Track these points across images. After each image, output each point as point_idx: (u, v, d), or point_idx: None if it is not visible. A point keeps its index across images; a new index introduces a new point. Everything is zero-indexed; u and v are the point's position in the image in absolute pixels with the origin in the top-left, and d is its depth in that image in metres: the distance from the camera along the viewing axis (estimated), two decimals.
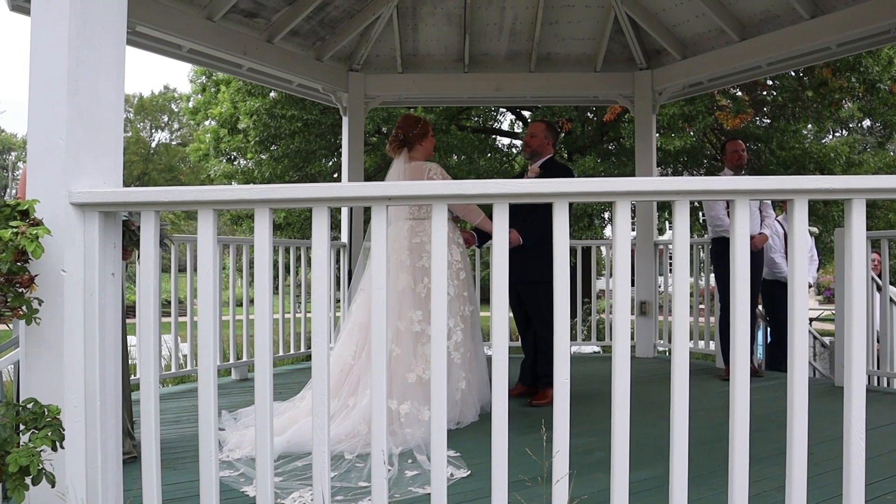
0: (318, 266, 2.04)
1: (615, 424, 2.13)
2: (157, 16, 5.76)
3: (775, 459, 2.31)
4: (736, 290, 2.07)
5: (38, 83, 2.08)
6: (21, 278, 1.73)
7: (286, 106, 14.58)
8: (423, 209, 4.71)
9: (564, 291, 2.02)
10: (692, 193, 1.99)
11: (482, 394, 4.77)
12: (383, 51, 7.82)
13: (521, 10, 7.41)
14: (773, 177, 1.98)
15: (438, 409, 2.08)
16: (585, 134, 16.24)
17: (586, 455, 3.74)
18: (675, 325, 2.06)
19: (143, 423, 2.17)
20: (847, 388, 2.04)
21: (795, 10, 6.31)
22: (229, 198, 2.01)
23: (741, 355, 2.05)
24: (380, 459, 2.09)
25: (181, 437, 4.24)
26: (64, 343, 2.03)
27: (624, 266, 1.99)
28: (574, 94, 8.41)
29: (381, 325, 2.06)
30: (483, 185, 1.94)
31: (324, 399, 2.10)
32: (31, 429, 1.64)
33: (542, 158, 5.31)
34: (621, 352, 2.08)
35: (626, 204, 1.97)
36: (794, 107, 15.32)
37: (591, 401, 5.16)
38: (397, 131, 4.88)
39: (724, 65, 7.19)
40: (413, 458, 3.78)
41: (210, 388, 2.10)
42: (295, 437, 3.94)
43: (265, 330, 2.00)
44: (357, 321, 4.61)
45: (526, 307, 5.35)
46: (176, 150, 52.60)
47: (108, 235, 2.12)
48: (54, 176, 2.06)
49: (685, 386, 2.03)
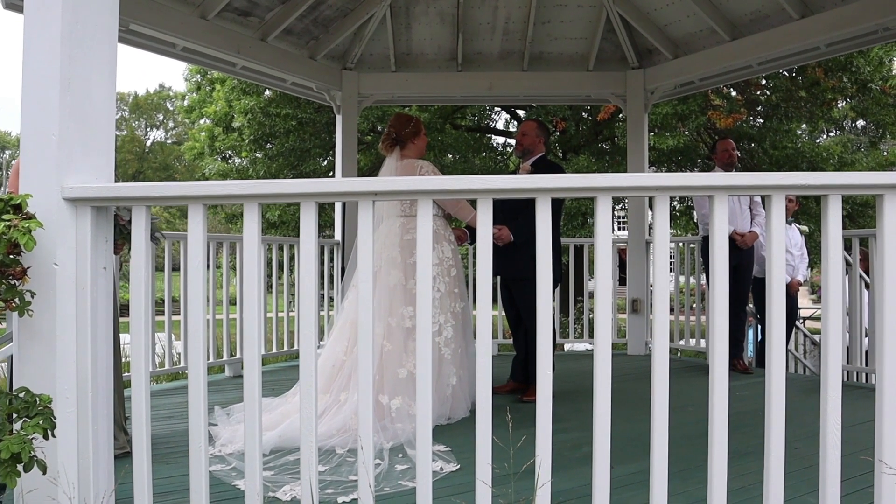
0: (305, 260, 2.08)
1: (596, 415, 2.17)
2: (151, 14, 5.78)
3: (760, 454, 2.37)
4: (715, 283, 2.11)
5: (31, 81, 2.12)
6: (14, 270, 1.76)
7: (281, 105, 14.60)
8: (415, 206, 4.73)
9: (547, 289, 2.06)
10: (672, 189, 2.04)
11: (473, 389, 4.81)
12: (377, 49, 7.85)
13: (513, 10, 7.44)
14: (751, 173, 2.03)
15: (424, 404, 2.12)
16: (579, 133, 16.29)
17: (574, 450, 3.79)
18: (656, 318, 2.10)
19: (134, 413, 2.21)
20: (823, 379, 2.09)
21: (785, 10, 6.35)
22: (219, 192, 2.05)
23: (720, 350, 2.09)
24: (369, 447, 2.12)
25: (174, 432, 4.27)
26: (56, 335, 2.07)
27: (605, 261, 2.04)
28: (567, 93, 8.46)
29: (368, 320, 2.10)
30: (467, 180, 1.99)
31: (311, 381, 2.14)
32: (22, 417, 1.68)
33: (533, 157, 5.35)
34: (602, 347, 2.13)
35: (606, 200, 2.01)
36: (787, 106, 15.39)
37: (581, 397, 5.19)
38: (389, 129, 4.92)
39: (716, 64, 7.24)
40: (404, 452, 3.82)
41: (200, 381, 2.14)
42: (287, 431, 3.97)
43: (253, 320, 2.04)
44: (348, 318, 4.64)
45: (517, 304, 5.39)
46: (171, 149, 52.54)
47: (99, 230, 2.16)
48: (47, 171, 2.10)
49: (665, 377, 2.08)
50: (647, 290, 7.70)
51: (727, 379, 2.15)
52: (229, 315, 6.44)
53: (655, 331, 2.11)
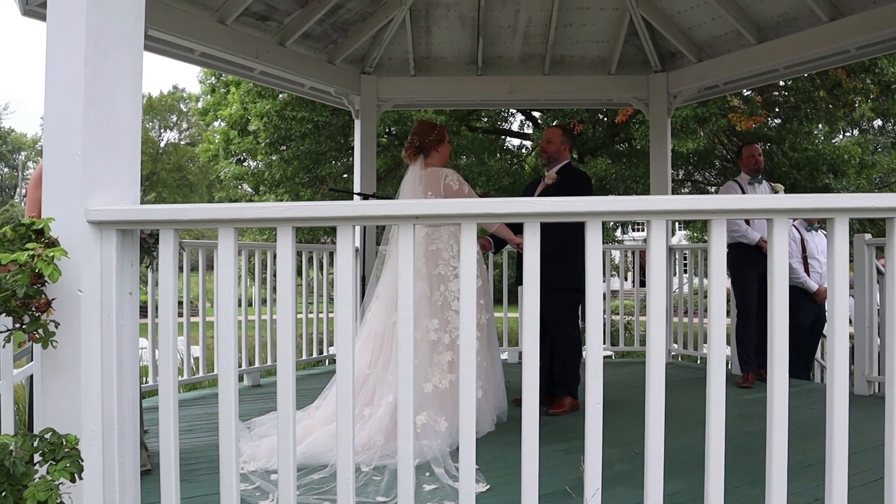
0: (342, 285, 1.97)
1: (648, 443, 2.05)
2: (169, 19, 5.72)
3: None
4: (774, 310, 1.99)
5: (55, 98, 2.02)
6: (38, 302, 1.67)
7: (296, 108, 14.54)
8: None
9: (597, 316, 1.94)
10: (729, 212, 1.92)
11: (498, 401, 4.71)
12: (396, 53, 7.76)
13: (535, 13, 7.34)
14: (812, 195, 1.92)
15: (467, 443, 2.01)
16: (596, 135, 16.14)
17: (606, 468, 3.67)
18: (711, 330, 1.99)
19: (162, 450, 2.11)
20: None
21: (814, 12, 6.21)
22: (251, 216, 1.95)
23: (780, 380, 1.97)
24: None
25: (195, 447, 4.18)
26: (81, 365, 1.97)
27: (659, 288, 1.92)
28: (588, 96, 8.35)
29: (409, 354, 1.99)
30: (513, 203, 1.88)
31: (349, 445, 2.03)
32: (48, 460, 1.59)
33: (558, 164, 5.26)
34: (655, 396, 2.01)
35: (661, 223, 1.90)
36: (806, 108, 15.18)
37: (608, 410, 5.09)
38: (413, 137, 4.82)
39: (741, 68, 7.11)
40: (430, 470, 3.72)
41: (231, 424, 2.04)
42: (311, 448, 3.89)
43: (288, 359, 1.94)
44: (372, 330, 4.55)
45: (542, 314, 5.27)
46: (185, 150, 52.71)
47: (125, 254, 2.06)
48: (70, 192, 2.00)
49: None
50: (669, 295, 7.55)
51: (786, 398, 2.03)
52: (248, 317, 6.35)
53: (711, 343, 1.99)
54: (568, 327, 5.13)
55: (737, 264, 6.19)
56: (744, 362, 6.26)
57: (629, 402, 5.04)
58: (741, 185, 6.29)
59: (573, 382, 5.09)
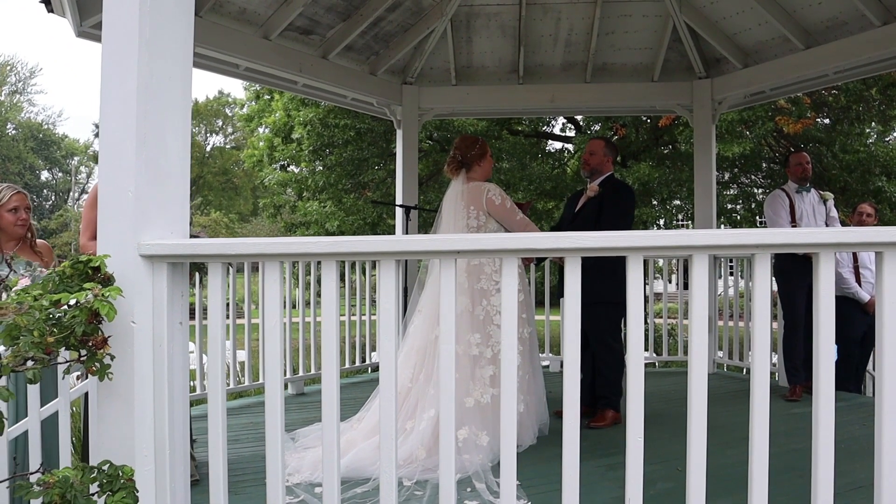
0: (385, 319, 2.01)
1: (690, 463, 2.03)
2: (215, 37, 5.84)
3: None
4: (819, 339, 1.95)
5: (108, 137, 2.10)
6: (95, 339, 1.74)
7: (339, 115, 14.68)
8: (483, 228, 4.66)
9: (639, 351, 1.94)
10: (773, 247, 1.90)
11: (539, 415, 4.71)
12: (437, 63, 7.80)
13: (576, 21, 7.31)
14: (858, 228, 1.88)
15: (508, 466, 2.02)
16: (639, 139, 15.95)
17: (648, 486, 3.64)
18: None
19: (212, 470, 2.17)
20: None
21: (865, 16, 6.06)
22: (297, 251, 2.00)
23: (825, 401, 1.94)
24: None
25: (240, 457, 4.26)
26: (134, 394, 2.04)
27: (700, 324, 1.91)
28: (631, 104, 8.30)
29: (450, 368, 2.01)
30: (555, 238, 1.89)
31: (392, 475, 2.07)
32: (105, 492, 1.66)
33: (601, 176, 5.23)
34: (698, 405, 2.00)
35: (703, 258, 1.89)
36: (858, 107, 14.75)
37: (650, 424, 5.04)
38: (455, 152, 4.84)
39: (788, 73, 6.98)
40: (472, 486, 3.74)
41: (278, 466, 2.09)
42: (354, 461, 3.92)
43: (333, 387, 1.98)
44: (414, 344, 4.58)
45: (584, 327, 5.25)
46: (230, 154, 53.57)
47: (175, 285, 2.13)
48: (124, 228, 2.07)
49: (765, 408, 1.94)
50: (713, 301, 7.43)
51: (832, 418, 1.99)
52: (291, 319, 6.43)
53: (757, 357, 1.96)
54: (611, 340, 5.10)
55: (784, 275, 6.08)
56: (791, 375, 6.14)
57: (673, 414, 4.98)
58: (788, 193, 6.17)
59: (615, 396, 5.07)
